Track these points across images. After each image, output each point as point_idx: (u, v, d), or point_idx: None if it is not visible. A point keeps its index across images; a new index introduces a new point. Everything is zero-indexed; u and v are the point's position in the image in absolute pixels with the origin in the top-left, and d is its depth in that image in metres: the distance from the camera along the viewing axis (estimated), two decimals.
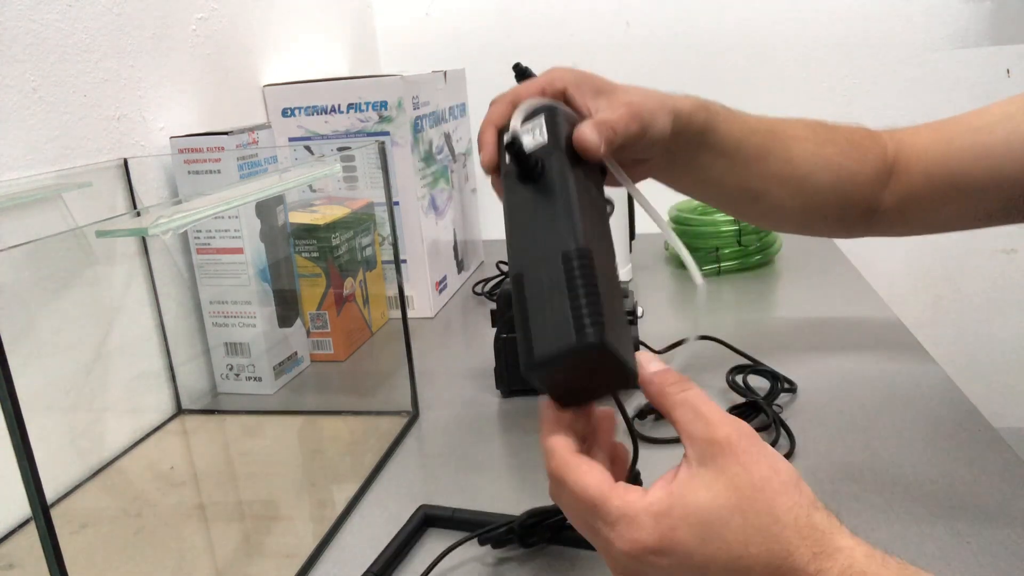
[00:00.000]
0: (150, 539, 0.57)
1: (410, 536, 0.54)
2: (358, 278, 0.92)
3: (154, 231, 0.37)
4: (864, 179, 0.64)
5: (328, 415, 0.77)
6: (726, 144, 0.60)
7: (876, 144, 0.65)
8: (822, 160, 0.63)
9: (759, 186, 0.63)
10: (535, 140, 0.44)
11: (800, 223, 0.68)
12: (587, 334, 0.36)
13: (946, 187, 0.63)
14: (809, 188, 0.64)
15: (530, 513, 0.51)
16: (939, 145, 0.63)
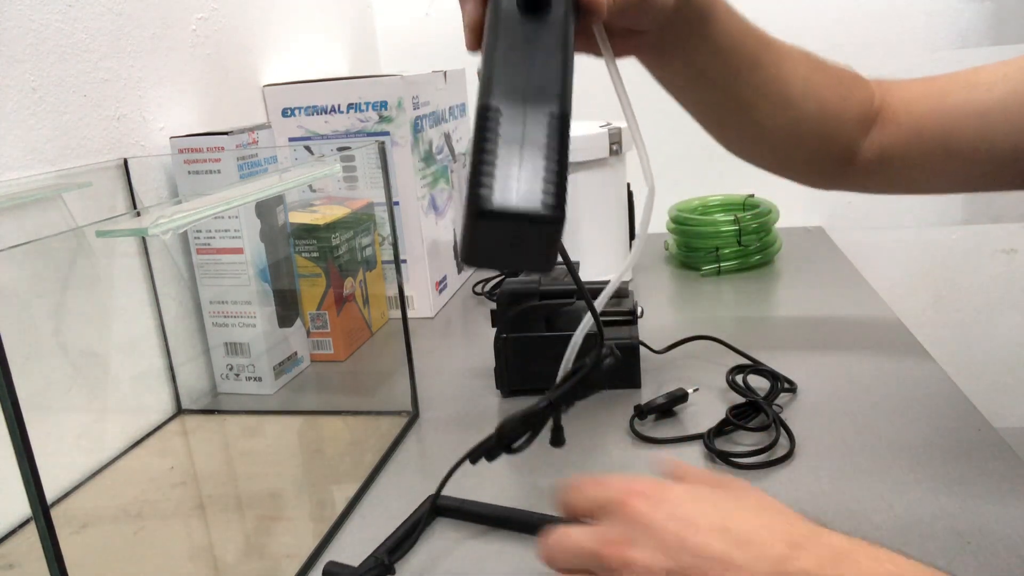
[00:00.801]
0: (150, 539, 0.57)
1: (418, 523, 0.54)
2: (358, 278, 0.92)
3: (154, 231, 0.37)
4: (847, 119, 0.62)
5: (328, 415, 0.77)
6: (722, 38, 0.57)
7: (863, 88, 0.63)
8: (810, 88, 0.61)
9: (746, 96, 0.60)
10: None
11: (777, 153, 0.65)
12: (552, 207, 0.36)
13: (935, 143, 0.61)
14: (794, 113, 0.61)
15: (509, 419, 0.50)
16: (930, 100, 0.61)
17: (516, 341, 0.73)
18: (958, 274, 1.41)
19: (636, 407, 0.68)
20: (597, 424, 0.68)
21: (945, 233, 1.38)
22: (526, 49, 0.40)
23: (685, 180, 1.29)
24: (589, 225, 0.96)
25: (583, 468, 0.61)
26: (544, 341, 0.72)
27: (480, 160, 0.38)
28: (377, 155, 0.92)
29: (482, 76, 0.40)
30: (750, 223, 1.07)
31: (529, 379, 0.74)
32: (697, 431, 0.64)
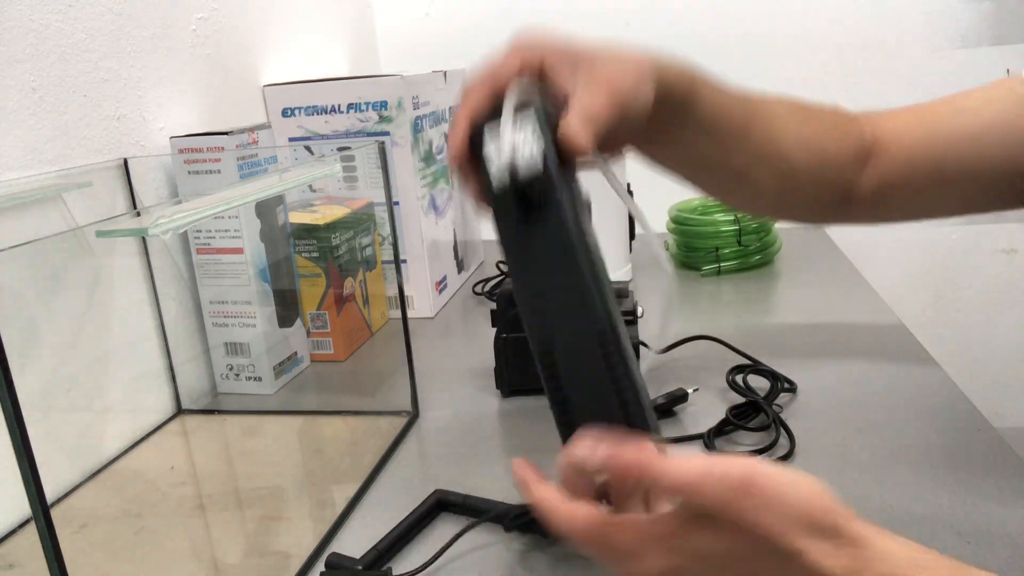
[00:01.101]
0: (150, 539, 0.57)
1: (423, 517, 0.55)
2: (358, 278, 0.92)
3: (154, 231, 0.37)
4: (843, 160, 0.63)
5: (328, 415, 0.77)
6: (708, 117, 0.57)
7: (854, 126, 0.64)
8: (803, 140, 0.61)
9: (739, 164, 0.60)
10: (523, 155, 0.40)
11: (777, 204, 0.66)
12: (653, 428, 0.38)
13: (930, 171, 0.61)
14: (788, 168, 0.61)
15: None
16: (921, 128, 0.62)
17: (516, 341, 0.73)
18: (958, 274, 1.41)
19: None
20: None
21: (945, 233, 1.38)
22: (544, 260, 0.40)
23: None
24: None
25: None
26: None
27: (560, 408, 0.39)
28: (377, 155, 0.92)
29: (521, 315, 0.40)
30: (750, 223, 1.07)
31: (529, 379, 0.74)
32: (697, 431, 0.64)
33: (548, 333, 0.39)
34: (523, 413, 0.72)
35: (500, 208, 0.41)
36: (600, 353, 0.38)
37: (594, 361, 0.38)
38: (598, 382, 0.38)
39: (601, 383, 0.38)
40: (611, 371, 0.38)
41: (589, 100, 0.45)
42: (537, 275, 0.40)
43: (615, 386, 0.38)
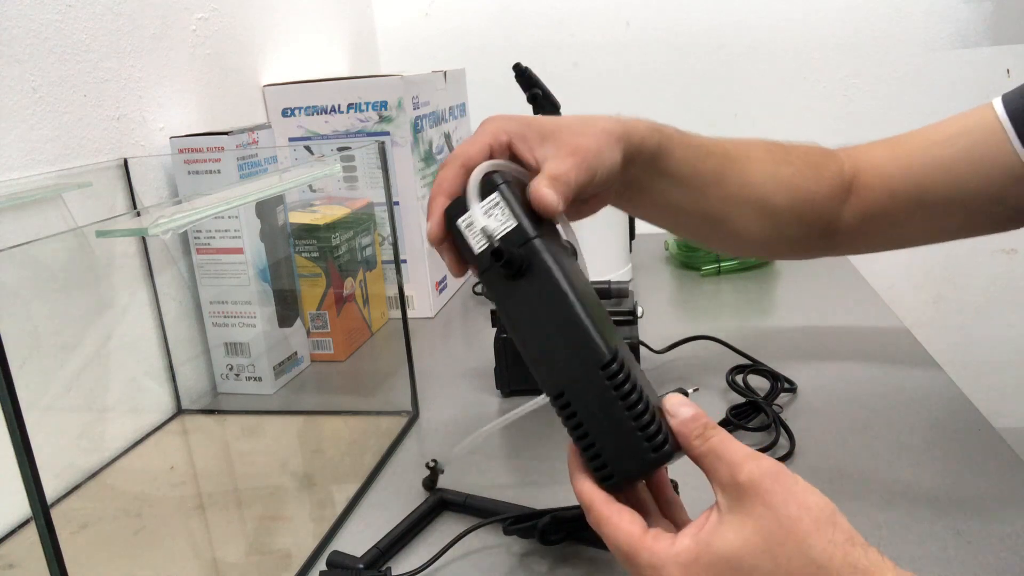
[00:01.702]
0: (150, 539, 0.57)
1: (423, 517, 0.55)
2: (358, 278, 0.92)
3: (154, 231, 0.37)
4: (822, 198, 0.64)
5: (328, 415, 0.77)
6: (681, 168, 0.58)
7: (832, 162, 0.65)
8: (779, 181, 0.63)
9: (718, 210, 0.62)
10: (499, 223, 0.43)
11: (762, 246, 0.67)
12: (664, 452, 0.40)
13: (910, 202, 0.63)
14: (768, 210, 0.63)
15: (553, 517, 0.51)
16: (898, 161, 0.63)
17: None
18: (958, 274, 1.41)
19: None
20: None
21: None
22: (538, 312, 0.42)
23: None
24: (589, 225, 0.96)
25: None
26: None
27: (582, 444, 0.42)
28: (377, 155, 0.92)
29: (528, 366, 0.43)
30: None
31: (529, 379, 0.74)
32: None
33: (556, 378, 0.42)
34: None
35: (486, 275, 0.44)
36: (608, 385, 0.40)
37: (604, 393, 0.40)
38: (613, 411, 0.40)
39: (616, 411, 0.40)
40: (624, 399, 0.40)
41: (557, 165, 0.47)
42: (534, 327, 0.42)
43: (630, 411, 0.40)
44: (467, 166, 0.47)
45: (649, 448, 0.40)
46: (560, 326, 0.41)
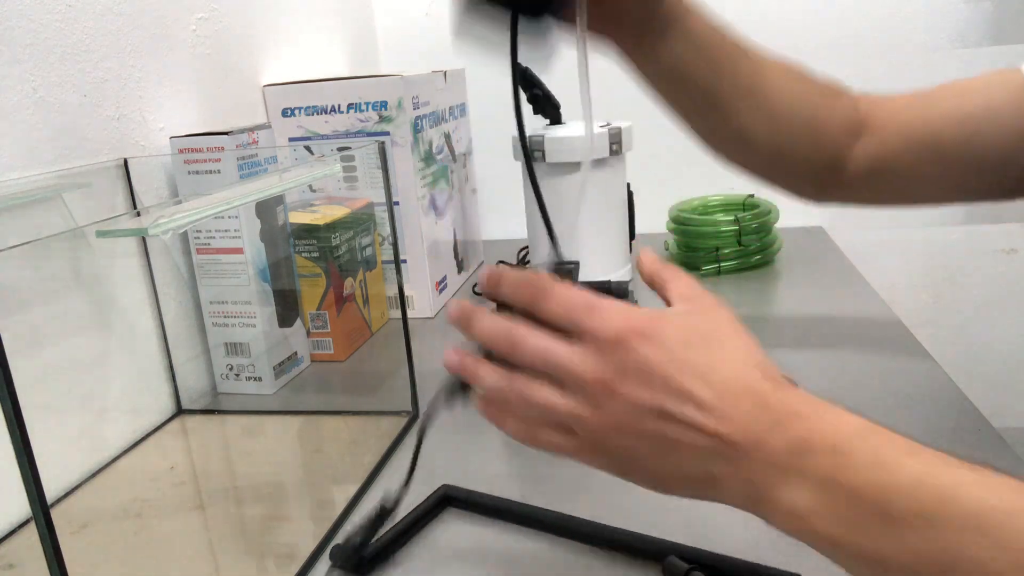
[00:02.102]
0: (151, 539, 0.57)
1: (429, 511, 0.55)
2: (358, 278, 0.92)
3: (154, 231, 0.37)
4: (833, 127, 0.63)
5: (329, 415, 0.77)
6: (702, 35, 0.58)
7: (847, 97, 0.64)
8: (793, 96, 0.62)
9: (728, 99, 0.61)
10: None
11: (767, 161, 0.66)
12: None
13: (923, 151, 0.62)
14: (776, 119, 0.62)
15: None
16: (917, 108, 0.63)
17: None
18: (958, 274, 1.41)
19: None
20: None
21: (945, 233, 1.38)
22: None
23: (685, 180, 1.29)
24: (589, 225, 0.96)
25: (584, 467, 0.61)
26: None
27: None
28: (377, 155, 0.92)
29: None
30: (750, 223, 1.07)
31: None
32: None
33: None
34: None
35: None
36: None
37: None
38: None
39: None
40: None
41: None
42: None
43: None
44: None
45: None
46: None
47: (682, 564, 0.47)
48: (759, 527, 0.47)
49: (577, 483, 0.59)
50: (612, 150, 0.94)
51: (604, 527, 0.52)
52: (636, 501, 0.56)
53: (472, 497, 0.57)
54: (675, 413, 0.35)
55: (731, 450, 0.35)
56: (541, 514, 0.54)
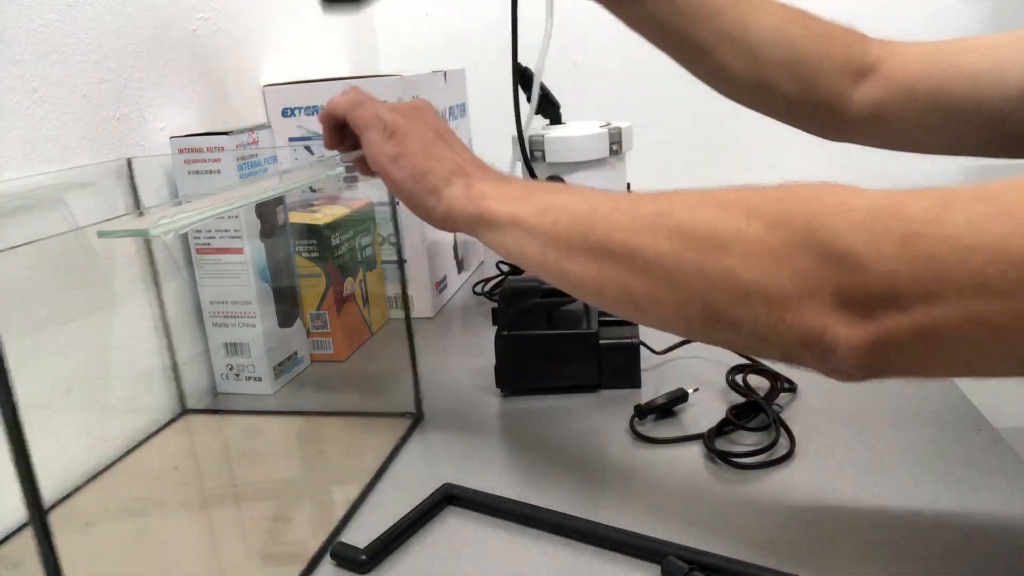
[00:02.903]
0: (154, 539, 0.57)
1: (430, 510, 0.56)
2: (358, 278, 0.92)
3: (155, 232, 0.37)
4: (829, 67, 0.65)
5: (332, 416, 0.76)
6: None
7: (856, 41, 0.66)
8: (780, 36, 0.64)
9: (705, 42, 0.64)
10: None
11: (754, 95, 0.68)
12: None
13: (927, 101, 0.63)
14: (762, 58, 0.64)
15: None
16: (927, 60, 0.63)
17: (517, 339, 0.73)
18: None
19: (636, 407, 0.68)
20: (597, 424, 0.68)
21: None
22: None
23: (685, 180, 1.29)
24: None
25: (584, 468, 0.61)
26: (545, 339, 0.73)
27: None
28: None
29: None
30: None
31: (530, 377, 0.74)
32: (697, 431, 0.64)
33: None
34: (525, 412, 0.72)
35: None
36: None
37: None
38: None
39: None
40: None
41: None
42: None
43: None
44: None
45: None
46: None
47: (682, 564, 0.47)
48: (758, 528, 0.47)
49: (578, 483, 0.59)
50: (612, 150, 0.94)
51: (604, 527, 0.52)
52: (636, 501, 0.56)
53: (473, 496, 0.57)
54: (450, 143, 0.59)
55: (465, 173, 0.57)
56: (542, 513, 0.54)
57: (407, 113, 0.59)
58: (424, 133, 0.58)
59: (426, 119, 0.59)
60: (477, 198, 0.54)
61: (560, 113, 0.97)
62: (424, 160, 0.57)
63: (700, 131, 1.33)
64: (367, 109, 0.59)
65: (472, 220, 0.54)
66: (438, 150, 0.57)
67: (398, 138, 0.57)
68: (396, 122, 0.58)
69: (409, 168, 0.57)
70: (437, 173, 0.56)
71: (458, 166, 0.57)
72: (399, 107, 0.60)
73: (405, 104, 0.61)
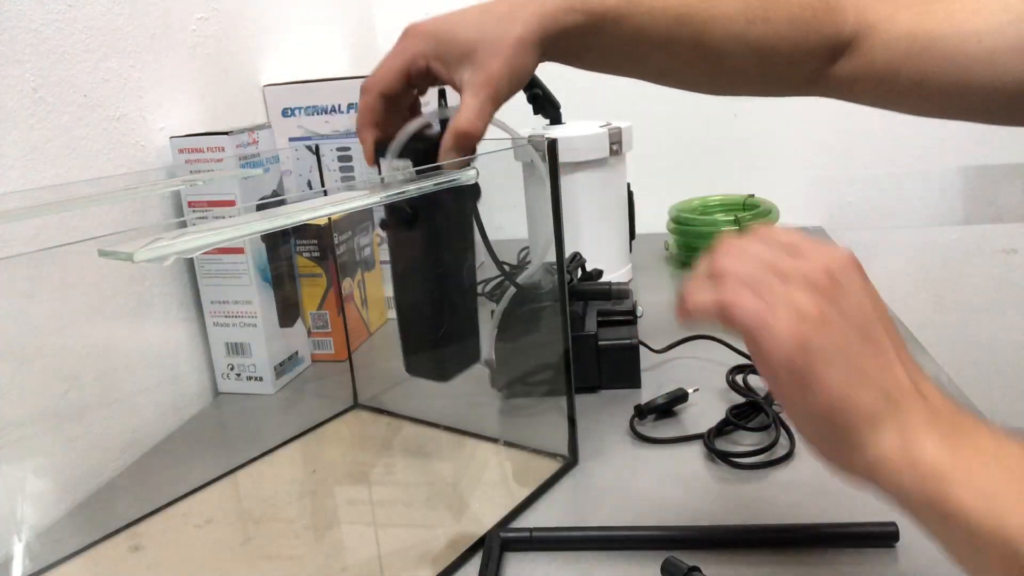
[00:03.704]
0: (258, 546, 0.56)
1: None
2: (356, 278, 0.92)
3: (139, 258, 0.37)
4: (801, 56, 0.62)
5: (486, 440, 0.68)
6: (617, 43, 0.58)
7: (829, 21, 0.61)
8: (747, 43, 0.60)
9: (665, 67, 0.61)
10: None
11: (722, 90, 0.67)
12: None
13: (910, 84, 0.60)
14: (728, 68, 0.61)
15: None
16: (916, 43, 0.59)
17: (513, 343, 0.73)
18: (958, 274, 1.41)
19: (636, 407, 0.68)
20: (597, 424, 0.68)
21: (945, 233, 1.38)
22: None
23: (685, 180, 1.29)
24: (589, 224, 0.96)
25: (583, 468, 0.61)
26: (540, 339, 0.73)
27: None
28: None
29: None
30: (750, 223, 1.07)
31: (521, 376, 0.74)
32: (697, 431, 0.64)
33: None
34: (523, 411, 0.72)
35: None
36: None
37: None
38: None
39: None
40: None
41: (467, 107, 0.52)
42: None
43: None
44: (386, 94, 0.54)
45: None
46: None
47: (682, 564, 0.47)
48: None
49: (578, 483, 0.59)
50: (612, 150, 0.94)
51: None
52: (636, 501, 0.56)
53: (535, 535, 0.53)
54: (878, 342, 0.37)
55: (899, 406, 0.36)
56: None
57: (825, 290, 0.36)
58: (846, 332, 0.36)
59: (847, 298, 0.37)
60: (924, 466, 0.34)
61: (560, 113, 0.97)
62: (841, 384, 0.35)
63: (700, 131, 1.33)
64: (755, 282, 0.37)
65: (916, 502, 0.34)
66: (864, 361, 0.36)
67: (810, 342, 0.36)
68: (812, 314, 0.36)
69: (816, 399, 0.36)
70: (858, 407, 0.35)
71: (888, 391, 0.36)
72: (809, 276, 0.37)
73: (815, 266, 0.37)
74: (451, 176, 0.51)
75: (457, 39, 0.53)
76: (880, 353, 0.36)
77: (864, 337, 0.36)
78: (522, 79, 0.54)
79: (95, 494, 0.65)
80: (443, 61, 0.53)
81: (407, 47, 0.54)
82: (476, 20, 0.54)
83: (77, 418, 0.66)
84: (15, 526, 0.58)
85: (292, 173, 0.95)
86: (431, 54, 0.53)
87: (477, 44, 0.52)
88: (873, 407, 0.35)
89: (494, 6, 0.54)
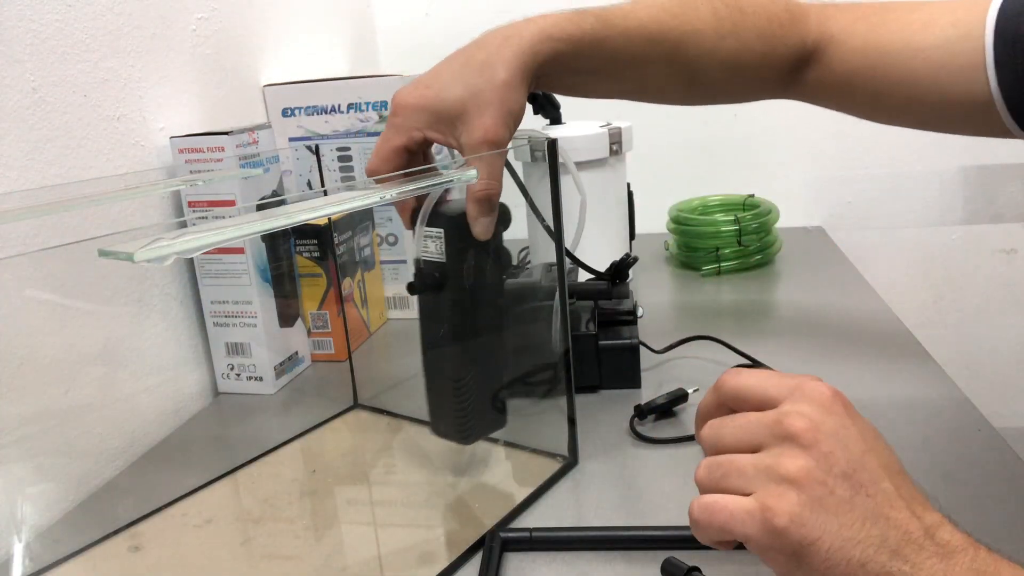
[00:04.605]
0: (259, 546, 0.56)
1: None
2: (356, 278, 0.92)
3: (139, 258, 0.37)
4: (768, 71, 0.64)
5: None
6: (592, 66, 0.59)
7: (794, 32, 0.63)
8: (719, 59, 0.62)
9: (641, 85, 0.63)
10: (429, 251, 0.56)
11: (697, 102, 0.69)
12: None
13: (864, 95, 0.64)
14: (702, 81, 0.63)
15: None
16: (868, 57, 0.61)
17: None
18: (958, 274, 1.41)
19: (636, 407, 0.68)
20: (597, 424, 0.68)
21: (945, 233, 1.38)
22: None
23: (685, 180, 1.29)
24: (589, 224, 0.96)
25: (583, 468, 0.61)
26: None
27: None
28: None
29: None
30: (750, 223, 1.07)
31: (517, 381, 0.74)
32: None
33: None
34: (523, 411, 0.72)
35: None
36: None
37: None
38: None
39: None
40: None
41: (481, 165, 0.52)
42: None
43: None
44: (392, 163, 0.55)
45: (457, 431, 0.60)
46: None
47: (682, 564, 0.47)
48: None
49: (577, 483, 0.59)
50: (612, 150, 0.94)
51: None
52: (636, 500, 0.56)
53: (535, 535, 0.52)
54: (872, 474, 0.37)
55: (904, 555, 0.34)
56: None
57: (809, 442, 0.35)
58: (833, 489, 0.35)
59: (833, 438, 0.36)
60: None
61: (560, 113, 0.97)
62: (841, 540, 0.34)
63: (700, 131, 1.33)
64: (745, 459, 0.36)
65: None
66: (856, 519, 0.34)
67: (811, 499, 0.34)
68: (799, 480, 0.35)
69: (815, 555, 0.34)
70: (861, 555, 0.33)
71: (892, 545, 0.34)
72: (789, 429, 0.36)
73: (793, 419, 0.36)
74: (451, 176, 0.51)
75: (445, 103, 0.53)
76: (878, 498, 0.36)
77: (854, 487, 0.35)
78: (517, 118, 0.55)
79: (95, 494, 0.65)
80: (438, 129, 0.54)
81: (399, 124, 0.54)
82: (459, 75, 0.54)
83: (77, 418, 0.66)
84: (15, 526, 0.58)
85: (292, 173, 0.95)
86: (424, 125, 0.54)
87: (466, 103, 0.53)
88: (878, 571, 0.33)
89: (473, 54, 0.55)
